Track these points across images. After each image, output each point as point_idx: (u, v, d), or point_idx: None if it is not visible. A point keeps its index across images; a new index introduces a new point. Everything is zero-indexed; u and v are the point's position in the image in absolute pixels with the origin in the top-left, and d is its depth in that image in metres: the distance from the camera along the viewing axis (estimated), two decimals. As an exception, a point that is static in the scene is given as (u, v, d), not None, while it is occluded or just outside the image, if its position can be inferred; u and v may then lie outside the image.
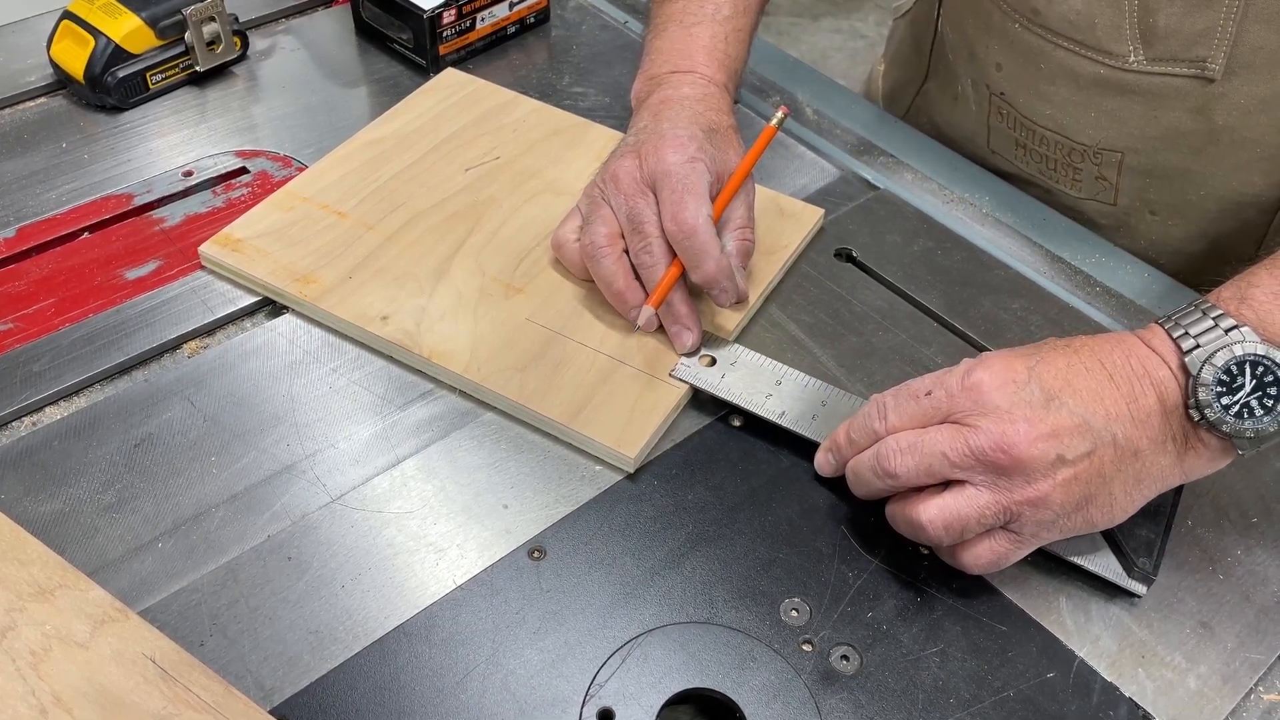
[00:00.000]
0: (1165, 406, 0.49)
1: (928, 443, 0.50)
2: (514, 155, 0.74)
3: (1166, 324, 0.51)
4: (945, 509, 0.50)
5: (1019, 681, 0.51)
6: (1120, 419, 0.49)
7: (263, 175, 0.74)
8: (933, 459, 0.50)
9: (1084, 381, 0.50)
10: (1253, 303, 0.50)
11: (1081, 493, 0.49)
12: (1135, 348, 0.51)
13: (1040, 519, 0.49)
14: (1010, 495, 0.49)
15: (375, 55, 0.85)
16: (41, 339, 0.62)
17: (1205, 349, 0.49)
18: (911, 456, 0.51)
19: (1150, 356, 0.50)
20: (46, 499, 0.55)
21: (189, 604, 0.51)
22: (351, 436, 0.59)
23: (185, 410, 0.59)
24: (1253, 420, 0.48)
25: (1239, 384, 0.48)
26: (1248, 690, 0.51)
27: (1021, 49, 0.74)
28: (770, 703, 0.49)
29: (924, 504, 0.51)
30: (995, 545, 0.51)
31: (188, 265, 0.67)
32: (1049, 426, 0.48)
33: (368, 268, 0.66)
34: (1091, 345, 0.51)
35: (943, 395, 0.51)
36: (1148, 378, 0.50)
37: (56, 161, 0.74)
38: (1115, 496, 0.50)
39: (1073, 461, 0.48)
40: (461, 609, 0.52)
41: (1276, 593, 0.55)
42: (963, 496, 0.50)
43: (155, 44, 0.78)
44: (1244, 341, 0.48)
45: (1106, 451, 0.49)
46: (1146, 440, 0.49)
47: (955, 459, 0.49)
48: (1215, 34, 0.65)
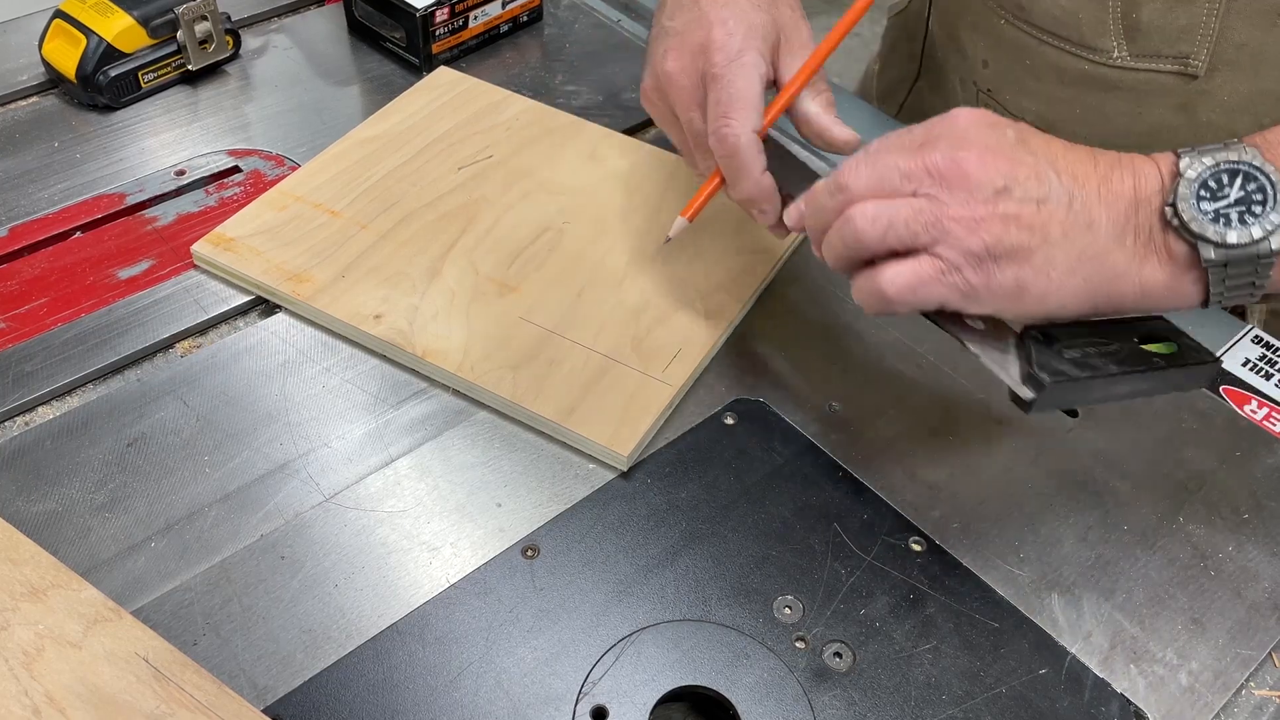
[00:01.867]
0: (1138, 195, 0.47)
1: (882, 153, 0.49)
2: (507, 154, 0.74)
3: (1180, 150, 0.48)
4: (880, 202, 0.48)
5: (1011, 678, 0.51)
6: (1085, 186, 0.47)
7: (255, 174, 0.74)
8: (887, 170, 0.48)
9: (1063, 150, 0.48)
10: (1269, 134, 0.47)
11: (1019, 240, 0.46)
12: (1125, 154, 0.49)
13: (969, 247, 0.46)
14: (946, 207, 0.46)
15: (368, 54, 0.85)
16: (34, 338, 0.62)
17: (1202, 155, 0.46)
18: (865, 167, 0.49)
19: (1140, 158, 0.48)
20: (39, 499, 0.55)
21: (182, 603, 0.51)
22: (345, 435, 0.59)
23: (178, 410, 0.59)
24: (1226, 228, 0.45)
25: (1224, 192, 0.45)
26: (1239, 686, 0.52)
27: (1007, 45, 0.74)
28: (763, 700, 0.49)
29: (864, 201, 0.49)
30: (918, 266, 0.47)
31: (180, 264, 0.67)
32: (1007, 157, 0.46)
33: (361, 267, 0.66)
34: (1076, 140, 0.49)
35: (920, 132, 0.49)
36: (1130, 166, 0.47)
37: (48, 161, 0.74)
38: (1055, 265, 0.46)
39: (1019, 200, 0.46)
40: (455, 607, 0.52)
41: (1268, 589, 0.55)
42: (899, 199, 0.48)
43: (147, 43, 0.78)
44: (1243, 151, 0.46)
45: (1058, 210, 0.46)
46: (1106, 218, 0.46)
47: (905, 169, 0.47)
48: (1198, 30, 0.65)
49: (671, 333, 0.64)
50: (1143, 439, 0.61)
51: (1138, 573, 0.55)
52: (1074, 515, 0.57)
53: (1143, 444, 0.61)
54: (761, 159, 0.57)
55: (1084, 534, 0.57)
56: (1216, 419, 0.62)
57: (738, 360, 0.64)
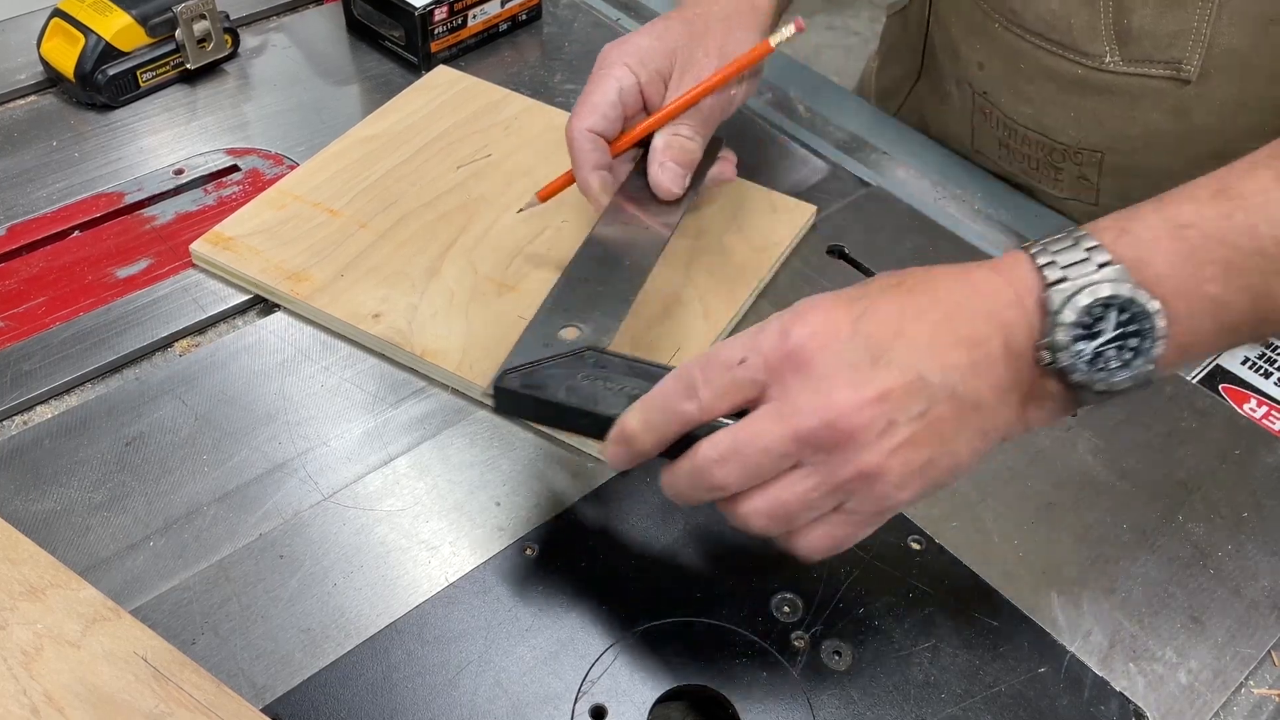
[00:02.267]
0: (1011, 351, 0.43)
1: (747, 441, 0.43)
2: (506, 153, 0.74)
3: (1034, 249, 0.44)
4: (768, 497, 0.43)
5: (1010, 676, 0.51)
6: (959, 368, 0.42)
7: (254, 173, 0.74)
8: (759, 459, 0.43)
9: (917, 327, 0.43)
10: (1132, 238, 0.43)
11: (922, 456, 0.43)
12: (983, 282, 0.44)
13: (877, 493, 0.43)
14: (840, 472, 0.42)
15: (366, 53, 0.85)
16: (32, 337, 0.62)
17: (1072, 283, 0.42)
18: (735, 463, 0.43)
19: (1001, 291, 0.43)
20: (37, 498, 0.55)
21: (181, 602, 0.51)
22: (343, 434, 0.59)
23: (176, 409, 0.59)
24: (1106, 373, 0.42)
25: (1100, 329, 0.42)
26: (1238, 684, 0.52)
27: (1002, 48, 0.74)
28: (762, 699, 0.49)
29: (748, 499, 0.44)
30: (833, 530, 0.44)
31: (179, 263, 0.67)
32: (876, 390, 0.42)
33: (359, 266, 0.66)
34: (931, 281, 0.44)
35: (759, 363, 0.43)
36: (993, 318, 0.43)
37: (47, 160, 0.74)
38: (959, 453, 0.44)
39: (906, 424, 0.42)
40: (454, 606, 0.52)
41: (1266, 587, 0.55)
42: (788, 480, 0.43)
43: (146, 42, 0.78)
44: (1115, 280, 0.42)
45: (944, 408, 0.42)
46: (989, 389, 0.43)
47: (782, 450, 0.43)
48: (1189, 36, 0.65)
49: (671, 331, 0.63)
50: (1142, 437, 0.61)
51: (1137, 571, 0.55)
52: (1073, 514, 0.57)
53: (1142, 442, 0.61)
54: (593, 156, 0.61)
55: (1083, 532, 0.57)
56: (1216, 417, 0.62)
57: (737, 359, 0.64)
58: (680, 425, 0.45)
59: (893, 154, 0.79)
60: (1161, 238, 0.43)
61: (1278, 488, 0.59)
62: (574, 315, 0.53)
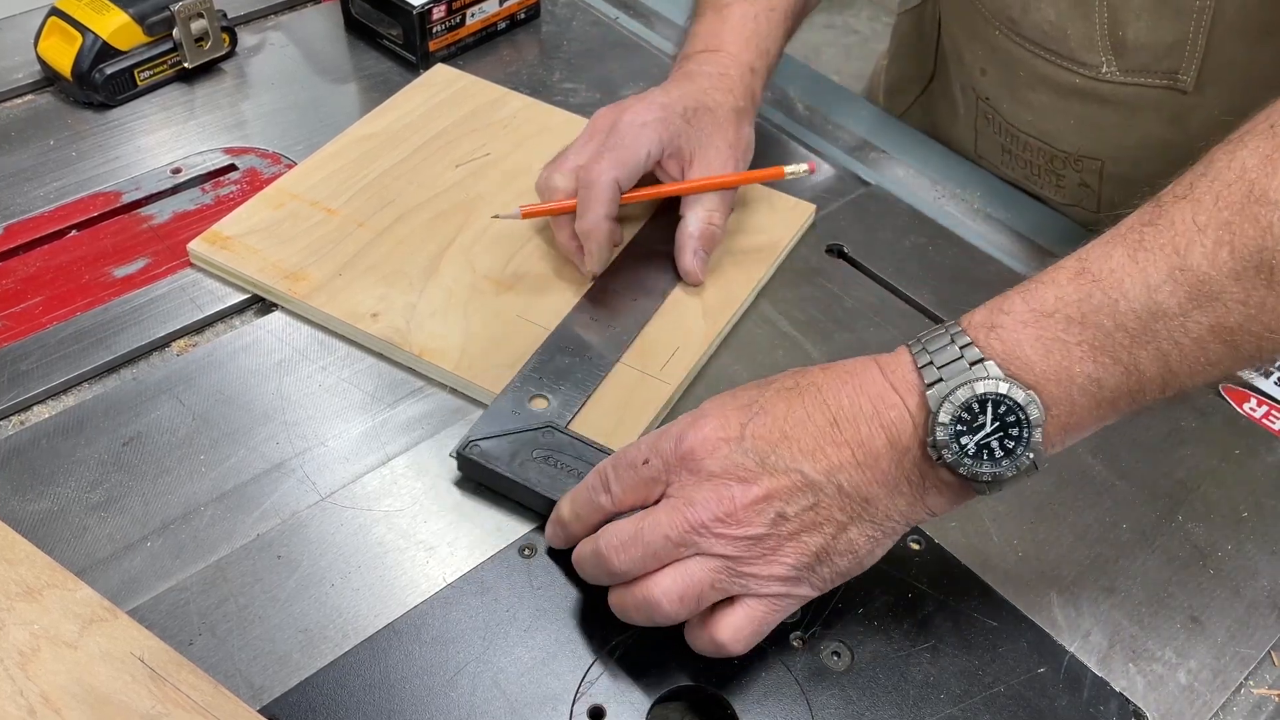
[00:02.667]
0: (896, 449, 0.45)
1: (648, 530, 0.47)
2: (504, 152, 0.74)
3: (914, 348, 0.46)
4: (678, 579, 0.46)
5: (1009, 677, 0.51)
6: (844, 468, 0.45)
7: (251, 172, 0.74)
8: (656, 545, 0.46)
9: (803, 431, 0.46)
10: (1002, 331, 0.45)
11: (816, 544, 0.46)
12: (869, 383, 0.47)
13: (778, 576, 0.46)
14: (736, 562, 0.46)
15: (365, 51, 0.85)
16: (29, 337, 0.62)
17: (947, 383, 0.44)
18: (634, 549, 0.47)
19: (885, 393, 0.46)
20: (34, 498, 0.55)
21: (178, 603, 0.51)
22: (341, 434, 0.58)
23: (174, 408, 0.59)
24: (991, 463, 0.44)
25: (979, 423, 0.44)
26: (1238, 685, 0.51)
27: (1002, 56, 0.74)
28: (762, 699, 0.49)
29: (654, 579, 0.47)
30: (750, 614, 0.47)
31: (176, 263, 0.67)
32: (764, 489, 0.45)
33: (358, 265, 0.66)
34: (819, 384, 0.47)
35: (659, 464, 0.47)
36: (877, 418, 0.46)
37: (44, 159, 0.73)
38: (856, 543, 0.47)
39: (796, 516, 0.45)
40: (452, 607, 0.51)
41: (1266, 587, 0.55)
42: (693, 563, 0.46)
43: (143, 40, 0.77)
44: (986, 378, 0.44)
45: (833, 502, 0.46)
46: (877, 485, 0.46)
47: (677, 538, 0.46)
48: (1185, 47, 0.65)
49: (670, 331, 0.63)
50: (1141, 437, 0.61)
51: (1136, 571, 0.55)
52: (1073, 513, 0.57)
53: (1141, 442, 0.61)
54: (610, 205, 0.62)
55: (1083, 532, 0.56)
56: (1215, 417, 0.62)
57: (737, 360, 0.64)
58: (599, 516, 0.49)
59: (893, 153, 0.79)
60: (1029, 325, 0.45)
61: (1277, 487, 0.59)
62: (546, 385, 0.59)
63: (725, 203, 0.66)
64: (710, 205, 0.65)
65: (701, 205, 0.65)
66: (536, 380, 0.59)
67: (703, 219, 0.65)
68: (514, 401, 0.58)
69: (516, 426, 0.56)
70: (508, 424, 0.56)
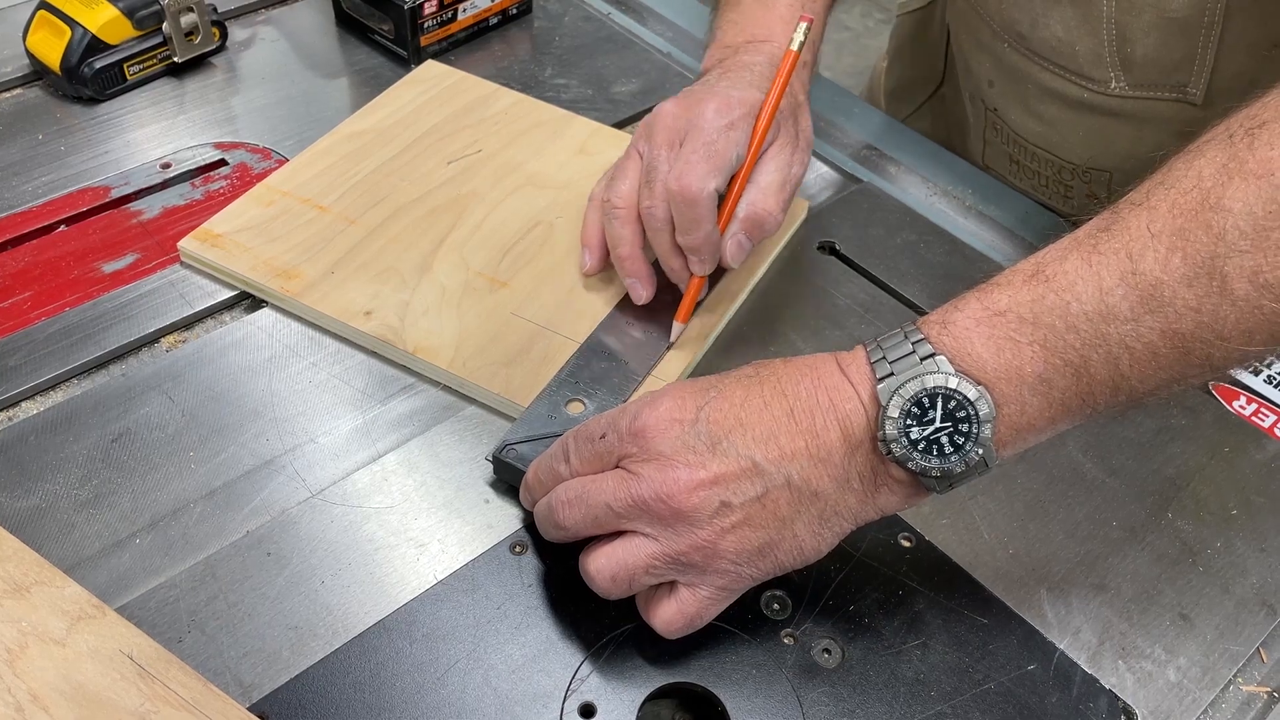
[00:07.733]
0: (850, 442, 0.45)
1: (593, 493, 0.47)
2: (496, 148, 0.74)
3: (870, 345, 0.47)
4: (612, 558, 0.47)
5: (1000, 674, 0.51)
6: (796, 457, 0.45)
7: (242, 167, 0.73)
8: (598, 510, 0.47)
9: (759, 418, 0.46)
10: (954, 328, 0.45)
11: (759, 538, 0.46)
12: (826, 376, 0.47)
13: (716, 568, 0.46)
14: (675, 544, 0.46)
15: (356, 46, 0.85)
16: (17, 333, 0.61)
17: (898, 377, 0.45)
18: (578, 508, 0.48)
19: (841, 386, 0.46)
20: (23, 495, 0.54)
21: (167, 600, 0.51)
22: (331, 431, 0.58)
23: (163, 405, 0.59)
24: (940, 459, 0.44)
25: (929, 417, 0.44)
26: (1227, 682, 0.52)
27: (1010, 68, 0.74)
28: (752, 696, 0.49)
29: (592, 554, 0.48)
30: (681, 605, 0.47)
31: (165, 258, 0.66)
32: (711, 473, 0.45)
33: (350, 262, 0.65)
34: (779, 374, 0.47)
35: (614, 439, 0.48)
36: (832, 410, 0.46)
37: (32, 153, 0.73)
38: (801, 538, 0.47)
39: (741, 506, 0.45)
40: (442, 604, 0.51)
41: (1255, 585, 0.55)
42: (629, 545, 0.47)
43: (132, 34, 0.77)
44: (936, 373, 0.44)
45: (780, 494, 0.45)
46: (828, 479, 0.46)
47: (619, 509, 0.46)
48: (1193, 62, 0.65)
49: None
50: (1131, 434, 0.61)
51: (1126, 568, 0.55)
52: (1063, 511, 0.57)
53: (1131, 439, 0.61)
54: (715, 214, 0.59)
55: (1072, 530, 0.57)
56: (1205, 414, 0.62)
57: (729, 356, 0.64)
58: (558, 483, 0.50)
59: (885, 150, 0.79)
60: (981, 323, 0.45)
61: (1267, 485, 0.59)
62: (582, 389, 0.58)
63: (783, 186, 0.61)
64: (764, 185, 0.60)
65: (754, 186, 0.60)
66: (573, 384, 0.58)
67: (755, 202, 0.60)
68: (550, 405, 0.57)
69: (552, 430, 0.55)
70: (544, 428, 0.56)
